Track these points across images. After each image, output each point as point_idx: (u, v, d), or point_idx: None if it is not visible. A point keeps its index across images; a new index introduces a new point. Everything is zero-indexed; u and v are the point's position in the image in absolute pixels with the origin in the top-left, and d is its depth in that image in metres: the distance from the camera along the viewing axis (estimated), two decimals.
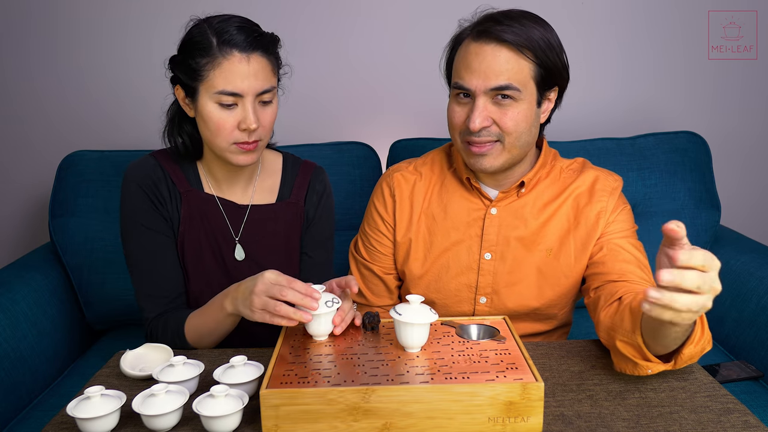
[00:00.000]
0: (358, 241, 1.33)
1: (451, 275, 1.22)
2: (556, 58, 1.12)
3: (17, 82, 1.99)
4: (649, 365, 0.94)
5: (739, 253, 1.68)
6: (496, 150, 1.13)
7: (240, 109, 1.12)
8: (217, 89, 1.10)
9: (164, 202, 1.21)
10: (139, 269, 1.20)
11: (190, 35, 1.14)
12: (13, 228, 2.12)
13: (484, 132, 1.11)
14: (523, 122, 1.11)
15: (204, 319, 1.13)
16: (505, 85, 1.08)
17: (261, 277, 0.99)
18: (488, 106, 1.11)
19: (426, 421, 0.82)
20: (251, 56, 1.11)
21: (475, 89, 1.10)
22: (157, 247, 1.20)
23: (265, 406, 0.82)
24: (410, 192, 1.26)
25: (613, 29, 2.02)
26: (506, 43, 1.09)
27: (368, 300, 1.30)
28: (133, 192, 1.20)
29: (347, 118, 2.05)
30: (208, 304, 1.13)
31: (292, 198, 1.29)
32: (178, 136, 1.22)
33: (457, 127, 1.15)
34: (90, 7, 1.94)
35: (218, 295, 1.11)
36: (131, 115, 2.01)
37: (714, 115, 2.09)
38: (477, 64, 1.09)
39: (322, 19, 1.98)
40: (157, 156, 1.25)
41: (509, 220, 1.21)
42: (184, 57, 1.13)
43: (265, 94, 1.13)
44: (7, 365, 1.35)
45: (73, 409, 0.83)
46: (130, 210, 1.20)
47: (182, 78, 1.14)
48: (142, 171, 1.21)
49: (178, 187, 1.22)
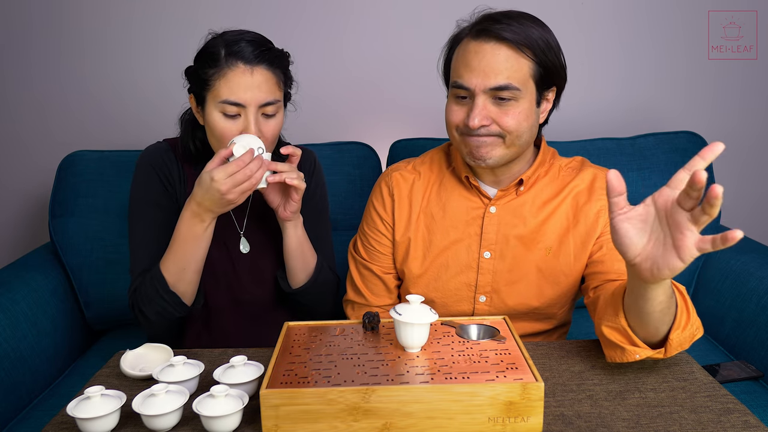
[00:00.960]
0: (357, 241, 1.33)
1: (450, 274, 1.22)
2: (554, 57, 1.12)
3: (17, 83, 1.99)
4: (637, 350, 0.95)
5: (739, 253, 1.68)
6: (496, 142, 1.12)
7: (242, 120, 1.16)
8: (221, 98, 1.14)
9: (173, 182, 1.27)
10: (142, 243, 1.24)
11: (204, 47, 1.19)
12: (13, 228, 2.12)
13: (483, 130, 1.11)
14: (524, 121, 1.11)
15: (178, 249, 1.17)
16: (505, 84, 1.08)
17: (212, 184, 1.09)
18: (488, 106, 1.10)
19: (426, 421, 0.82)
20: (255, 68, 1.15)
21: (474, 88, 1.10)
22: (162, 223, 1.24)
23: (265, 406, 0.82)
24: (409, 191, 1.26)
25: (613, 29, 2.02)
26: (505, 41, 1.09)
27: (368, 300, 1.30)
28: (145, 171, 1.26)
29: (347, 118, 2.06)
30: (176, 234, 1.17)
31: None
32: (191, 142, 1.27)
33: (455, 124, 1.15)
34: (92, 9, 1.94)
35: (182, 221, 1.16)
36: (131, 116, 2.01)
37: (714, 115, 2.09)
38: (476, 63, 1.09)
39: (322, 19, 1.98)
40: (170, 142, 1.31)
41: (508, 219, 1.21)
42: (196, 67, 1.18)
43: (268, 106, 1.16)
44: (7, 365, 1.35)
45: (73, 409, 0.83)
46: (142, 187, 1.26)
47: (193, 87, 1.19)
48: (155, 152, 1.28)
49: (186, 170, 1.28)
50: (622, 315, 0.95)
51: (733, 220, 2.04)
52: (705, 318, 1.69)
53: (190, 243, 1.16)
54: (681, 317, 0.92)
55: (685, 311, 0.93)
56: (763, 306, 1.49)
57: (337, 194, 1.77)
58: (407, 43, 2.00)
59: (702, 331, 0.96)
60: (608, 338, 0.98)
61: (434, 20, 1.96)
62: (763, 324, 1.48)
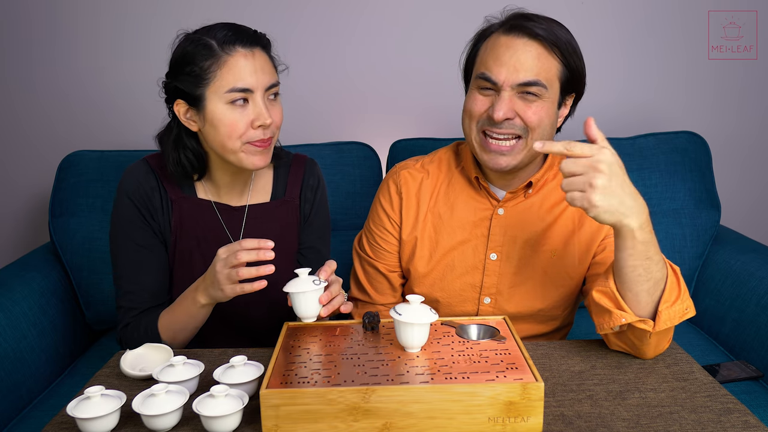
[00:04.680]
0: (363, 239, 1.32)
1: (456, 274, 1.22)
2: (578, 62, 1.14)
3: (17, 83, 1.99)
4: (623, 314, 0.98)
5: (739, 253, 1.68)
6: (517, 148, 1.12)
7: (252, 107, 1.11)
8: (227, 88, 1.09)
9: (155, 212, 1.20)
10: (124, 276, 1.19)
11: (182, 48, 1.12)
12: (13, 228, 2.12)
13: (506, 123, 1.11)
14: (546, 119, 1.12)
15: (177, 315, 1.13)
16: (534, 80, 1.09)
17: (215, 258, 1.03)
18: (513, 99, 1.10)
19: (426, 421, 0.82)
20: (254, 51, 1.11)
21: (503, 82, 1.09)
22: (143, 260, 1.19)
23: (265, 406, 0.82)
24: (417, 190, 1.26)
25: (612, 29, 2.02)
26: (538, 38, 1.09)
27: (372, 298, 1.30)
28: (124, 204, 1.19)
29: (347, 118, 2.05)
30: (179, 301, 1.13)
31: (287, 196, 1.29)
32: (183, 157, 1.18)
33: (476, 116, 1.13)
34: (93, 9, 1.94)
35: (188, 290, 1.12)
36: (132, 116, 2.01)
37: (714, 116, 2.09)
38: (507, 57, 1.09)
39: (322, 19, 1.98)
40: (151, 161, 1.23)
41: (516, 221, 1.21)
42: (182, 68, 1.12)
43: (272, 88, 1.13)
44: (7, 365, 1.35)
45: (73, 409, 0.83)
46: (120, 222, 1.19)
47: (184, 88, 1.11)
48: (135, 180, 1.20)
49: (170, 194, 1.21)
50: (611, 278, 1.01)
51: (733, 219, 2.04)
52: (705, 318, 1.70)
53: (186, 317, 1.12)
54: (671, 293, 0.97)
55: (675, 288, 0.98)
56: (763, 306, 1.49)
57: (337, 194, 1.77)
58: (408, 43, 2.00)
59: (693, 311, 1.00)
60: (597, 303, 1.02)
61: (435, 20, 1.96)
62: (763, 324, 1.48)
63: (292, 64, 1.24)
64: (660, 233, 1.76)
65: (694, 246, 1.76)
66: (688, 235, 1.76)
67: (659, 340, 1.01)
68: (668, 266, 0.99)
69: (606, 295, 1.01)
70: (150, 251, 1.19)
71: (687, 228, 1.76)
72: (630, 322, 0.98)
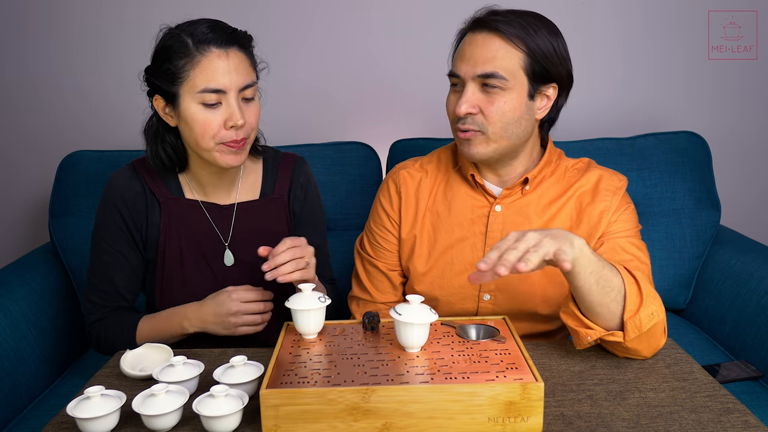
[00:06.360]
0: (364, 238, 1.33)
1: (455, 272, 1.23)
2: (551, 51, 1.13)
3: (17, 83, 1.99)
4: (588, 332, 1.00)
5: (739, 253, 1.68)
6: (479, 139, 1.15)
7: (224, 107, 1.11)
8: (200, 88, 1.09)
9: (139, 218, 1.22)
10: (96, 277, 1.23)
11: (162, 43, 1.13)
12: (13, 228, 2.12)
13: (468, 119, 1.14)
14: (509, 113, 1.12)
15: (159, 330, 1.19)
16: (491, 72, 1.10)
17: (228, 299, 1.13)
18: (477, 94, 1.13)
19: (426, 421, 0.82)
20: (229, 51, 1.11)
21: (464, 76, 1.13)
22: (118, 265, 1.23)
23: (265, 406, 0.82)
24: (416, 189, 1.27)
25: (612, 29, 2.02)
26: (497, 32, 1.11)
27: (373, 297, 1.30)
28: (106, 213, 1.22)
29: (347, 118, 2.05)
30: (164, 319, 1.18)
31: (275, 193, 1.29)
32: (162, 150, 1.20)
33: (451, 113, 1.18)
34: (93, 9, 1.94)
35: (174, 313, 1.17)
36: (131, 115, 2.00)
37: (714, 115, 2.09)
38: (469, 53, 1.13)
39: (321, 19, 1.97)
40: (137, 166, 1.25)
41: (513, 218, 1.21)
42: (160, 64, 1.12)
43: (247, 89, 1.13)
44: (7, 365, 1.35)
45: (73, 409, 0.84)
46: (100, 227, 1.24)
47: (161, 85, 1.12)
48: (119, 186, 1.23)
49: (158, 197, 1.22)
50: (571, 299, 1.03)
51: (733, 219, 2.04)
52: (705, 318, 1.70)
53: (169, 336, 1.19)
54: (631, 303, 0.98)
55: (636, 297, 0.99)
56: (763, 306, 1.49)
57: (337, 194, 1.77)
58: (408, 43, 2.00)
59: (663, 313, 1.01)
60: (566, 324, 1.04)
61: (435, 20, 1.96)
62: (763, 324, 1.47)
63: (292, 63, 1.25)
64: (660, 233, 1.77)
65: (694, 246, 1.76)
66: (688, 235, 1.76)
67: (647, 341, 1.01)
68: (626, 274, 1.00)
69: (570, 316, 1.03)
70: (126, 259, 1.23)
71: (687, 228, 1.76)
72: (599, 337, 1.00)
